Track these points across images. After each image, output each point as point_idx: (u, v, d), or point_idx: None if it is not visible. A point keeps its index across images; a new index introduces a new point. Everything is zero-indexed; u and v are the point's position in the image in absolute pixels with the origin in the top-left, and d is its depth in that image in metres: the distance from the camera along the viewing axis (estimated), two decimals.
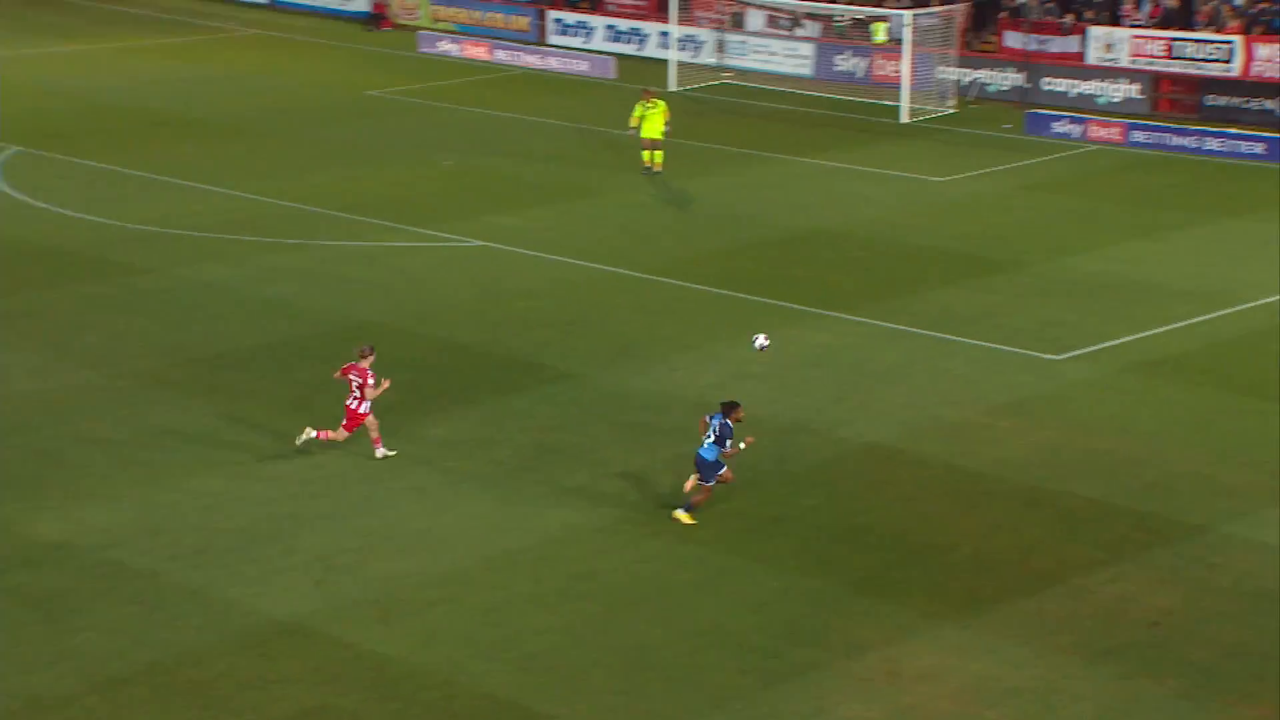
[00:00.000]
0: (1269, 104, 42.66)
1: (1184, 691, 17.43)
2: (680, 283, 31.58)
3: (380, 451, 23.43)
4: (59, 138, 42.42)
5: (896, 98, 45.43)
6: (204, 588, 19.74)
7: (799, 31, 51.41)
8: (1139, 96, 44.84)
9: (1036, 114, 43.68)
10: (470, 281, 31.93)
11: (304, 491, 22.50)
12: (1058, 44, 47.37)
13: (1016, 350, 27.54)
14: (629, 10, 56.36)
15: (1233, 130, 41.04)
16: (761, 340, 23.08)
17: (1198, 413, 24.81)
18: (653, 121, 39.00)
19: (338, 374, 23.43)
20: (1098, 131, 42.23)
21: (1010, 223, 35.40)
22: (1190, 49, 45.09)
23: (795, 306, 30.00)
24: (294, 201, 36.89)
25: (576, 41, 55.53)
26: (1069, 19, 47.55)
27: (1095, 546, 20.68)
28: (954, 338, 28.18)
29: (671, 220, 36.23)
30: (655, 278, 31.94)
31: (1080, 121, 42.68)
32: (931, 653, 18.29)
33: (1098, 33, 46.66)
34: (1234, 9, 45.21)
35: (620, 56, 52.87)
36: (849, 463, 23.44)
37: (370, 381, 23.01)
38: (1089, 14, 47.40)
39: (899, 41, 46.07)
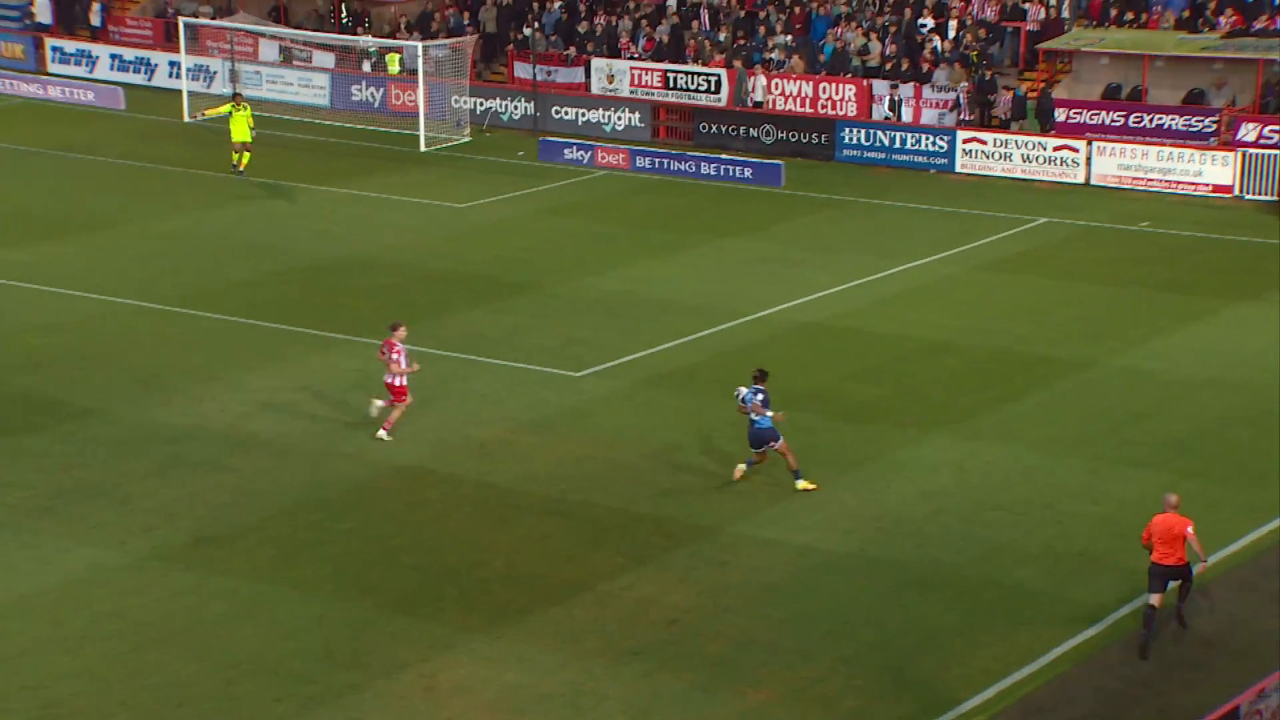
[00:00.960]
0: (754, 131, 44.97)
1: (700, 683, 18.11)
2: (204, 314, 30.74)
3: (383, 433, 24.56)
4: None
5: (414, 127, 45.61)
6: None
7: (319, 61, 50.91)
8: (640, 124, 46.46)
9: (548, 141, 44.63)
10: None
11: None
12: (564, 74, 48.58)
13: (540, 368, 28.03)
14: (134, 40, 54.55)
15: (725, 156, 43.00)
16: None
17: (706, 420, 25.79)
18: (239, 124, 40.74)
19: (379, 354, 24.76)
20: (605, 157, 43.47)
21: (529, 246, 36.02)
22: (683, 80, 47.08)
23: (323, 334, 29.67)
24: None
25: (80, 71, 53.33)
26: (572, 51, 48.85)
27: (618, 553, 21.25)
28: (480, 358, 28.46)
29: (192, 251, 35.19)
30: (178, 309, 30.99)
31: (588, 148, 43.83)
32: (466, 666, 18.41)
33: (600, 64, 48.11)
34: (715, 44, 47.47)
35: (129, 86, 51.09)
36: (382, 485, 23.34)
37: (394, 355, 24.43)
38: (590, 46, 48.82)
39: (413, 72, 46.29)
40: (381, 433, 24.66)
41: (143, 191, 40.07)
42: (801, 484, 22.92)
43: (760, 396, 22.76)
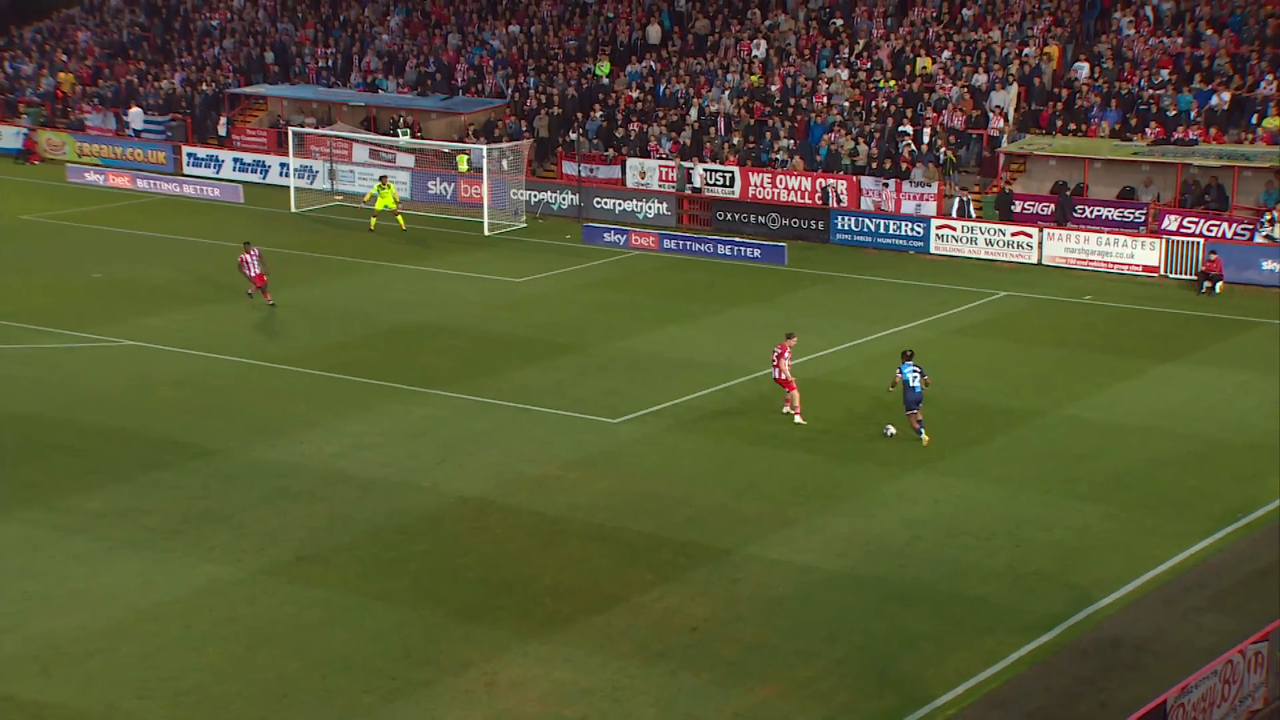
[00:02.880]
0: (762, 218, 45.11)
1: (717, 680, 18.04)
2: (305, 370, 30.90)
3: (798, 418, 26.92)
4: None
5: (480, 215, 45.84)
6: None
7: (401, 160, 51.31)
8: (668, 212, 46.60)
9: (590, 227, 44.79)
10: (120, 375, 30.38)
11: None
12: (604, 171, 48.77)
13: (582, 416, 28.06)
14: (253, 145, 55.13)
15: (737, 239, 43.08)
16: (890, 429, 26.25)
17: (722, 460, 25.79)
18: (385, 198, 44.29)
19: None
20: (638, 240, 43.60)
21: (574, 313, 36.10)
22: (703, 176, 47.23)
23: (402, 386, 29.79)
24: None
25: (209, 172, 53.88)
26: (610, 152, 49.09)
27: (648, 570, 21.20)
28: (532, 407, 28.50)
29: (295, 318, 35.41)
30: (284, 366, 31.16)
31: (624, 232, 43.96)
32: (522, 665, 18.37)
33: (634, 163, 48.30)
34: (731, 146, 47.67)
35: (247, 184, 51.55)
36: (450, 513, 23.37)
37: (786, 354, 27.15)
38: (625, 148, 49.08)
39: (480, 170, 46.61)
40: (798, 419, 27.09)
41: None
42: (925, 438, 25.85)
43: (919, 369, 25.82)
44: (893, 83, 47.68)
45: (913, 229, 42.81)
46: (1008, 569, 21.16)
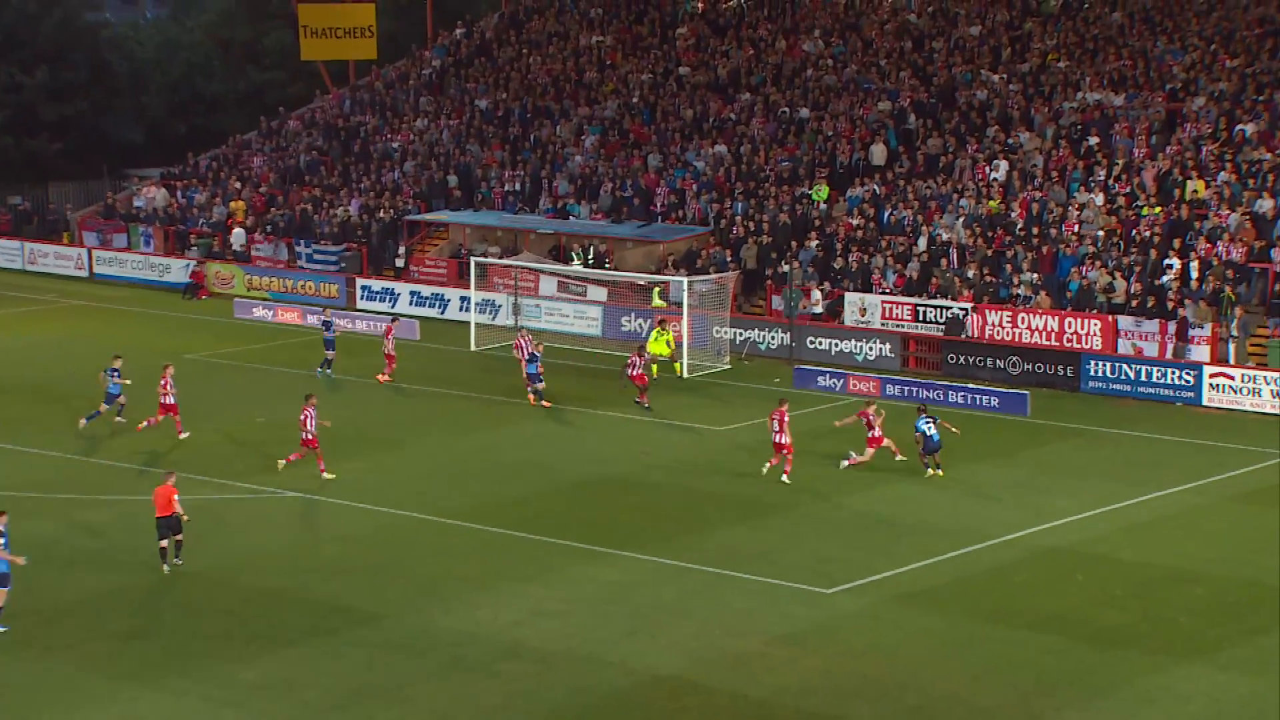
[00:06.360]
0: (1000, 362, 44.55)
1: None
2: (481, 526, 31.44)
3: (785, 478, 33.63)
4: None
5: (678, 355, 46.32)
6: None
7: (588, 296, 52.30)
8: (890, 354, 46.42)
9: (802, 369, 44.86)
10: (284, 530, 31.37)
11: None
12: (818, 307, 48.93)
13: (792, 584, 27.82)
14: (431, 277, 56.98)
15: (971, 385, 42.59)
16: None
17: (954, 639, 25.24)
18: (659, 344, 44.94)
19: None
20: (856, 385, 43.44)
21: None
22: (932, 313, 46.97)
23: (588, 547, 30.03)
24: (113, 460, 35.96)
25: (383, 306, 55.78)
26: (826, 286, 49.25)
27: None
28: (736, 573, 28.39)
29: (472, 469, 36.15)
30: (458, 522, 31.76)
31: (840, 376, 43.88)
32: None
33: (852, 298, 48.40)
34: (965, 280, 47.32)
35: (423, 319, 53.18)
36: (641, 693, 23.31)
37: (784, 418, 34.06)
38: (844, 282, 49.19)
39: (678, 305, 47.19)
40: (785, 478, 33.67)
41: (429, 414, 41.39)
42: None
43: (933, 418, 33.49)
44: (1158, 209, 46.94)
45: (1181, 377, 41.72)
46: None
